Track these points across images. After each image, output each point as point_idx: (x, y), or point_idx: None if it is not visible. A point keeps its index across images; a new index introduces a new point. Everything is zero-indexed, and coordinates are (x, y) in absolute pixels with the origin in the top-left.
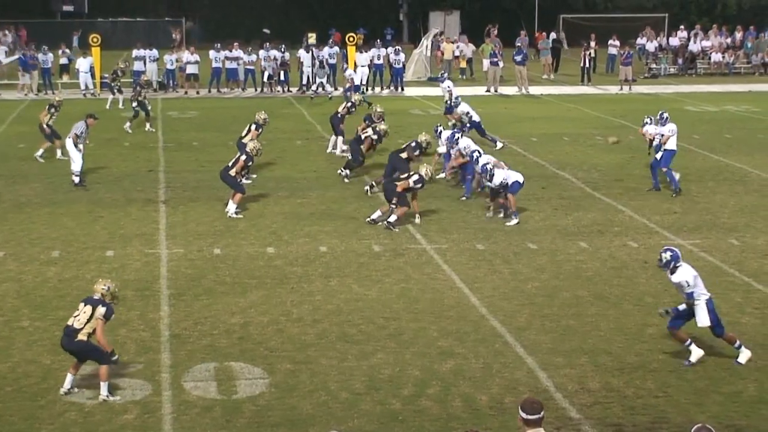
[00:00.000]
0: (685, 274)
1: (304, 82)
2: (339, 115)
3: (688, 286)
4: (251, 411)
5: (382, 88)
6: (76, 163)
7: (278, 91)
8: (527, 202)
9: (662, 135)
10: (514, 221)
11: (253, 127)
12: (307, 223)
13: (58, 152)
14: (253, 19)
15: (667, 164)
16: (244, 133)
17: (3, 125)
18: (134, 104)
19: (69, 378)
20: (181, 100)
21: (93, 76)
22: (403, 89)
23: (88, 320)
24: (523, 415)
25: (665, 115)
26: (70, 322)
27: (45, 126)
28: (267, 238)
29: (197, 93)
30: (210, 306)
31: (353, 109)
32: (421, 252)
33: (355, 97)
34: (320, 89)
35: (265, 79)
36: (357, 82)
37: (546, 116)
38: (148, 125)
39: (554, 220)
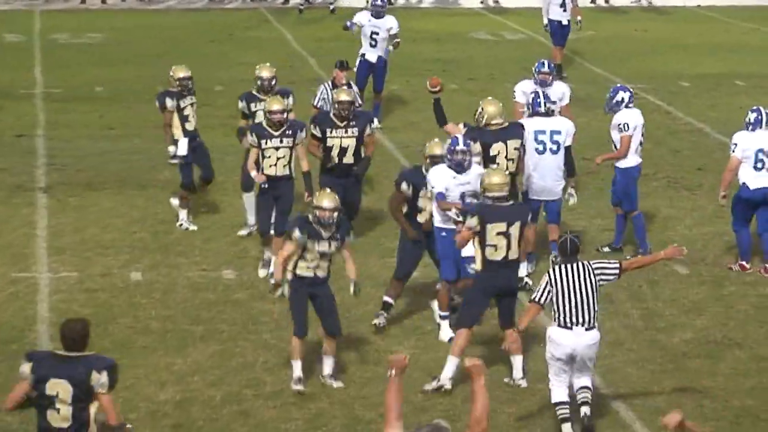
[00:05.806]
0: None
1: None
2: None
3: None
4: None
5: None
6: None
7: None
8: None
9: None
10: None
11: None
12: None
13: None
14: None
15: None
16: None
17: None
18: None
19: None
20: (75, 14)
21: None
22: None
23: None
24: None
25: None
26: None
27: None
28: (224, 254)
29: (102, 1)
30: (124, 371)
31: None
32: None
33: None
34: None
35: None
36: None
37: (704, 44)
38: None
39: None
